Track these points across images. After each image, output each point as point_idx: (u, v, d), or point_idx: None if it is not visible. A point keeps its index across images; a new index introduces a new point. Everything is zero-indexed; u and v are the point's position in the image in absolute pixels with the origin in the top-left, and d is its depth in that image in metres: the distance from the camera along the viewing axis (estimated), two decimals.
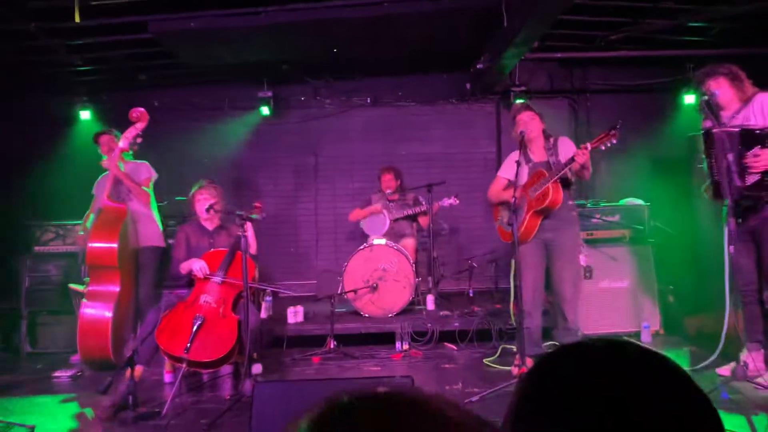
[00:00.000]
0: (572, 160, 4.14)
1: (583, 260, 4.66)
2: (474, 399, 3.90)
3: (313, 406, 0.65)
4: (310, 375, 4.73)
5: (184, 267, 4.60)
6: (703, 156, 4.08)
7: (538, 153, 4.58)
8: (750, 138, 3.83)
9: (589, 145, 4.07)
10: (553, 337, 4.85)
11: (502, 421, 0.77)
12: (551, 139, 4.60)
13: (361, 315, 5.77)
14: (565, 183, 4.40)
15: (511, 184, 4.57)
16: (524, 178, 4.48)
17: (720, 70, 4.07)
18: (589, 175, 4.36)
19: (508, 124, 7.12)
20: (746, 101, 4.00)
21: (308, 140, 7.46)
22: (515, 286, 4.32)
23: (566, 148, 4.49)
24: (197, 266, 4.50)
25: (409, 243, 6.24)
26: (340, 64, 6.97)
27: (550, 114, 7.16)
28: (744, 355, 4.07)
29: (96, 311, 4.64)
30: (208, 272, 4.47)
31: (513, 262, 4.74)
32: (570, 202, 4.51)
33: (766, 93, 3.97)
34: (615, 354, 0.73)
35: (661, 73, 6.94)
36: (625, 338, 0.73)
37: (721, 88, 4.04)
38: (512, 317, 5.16)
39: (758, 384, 3.84)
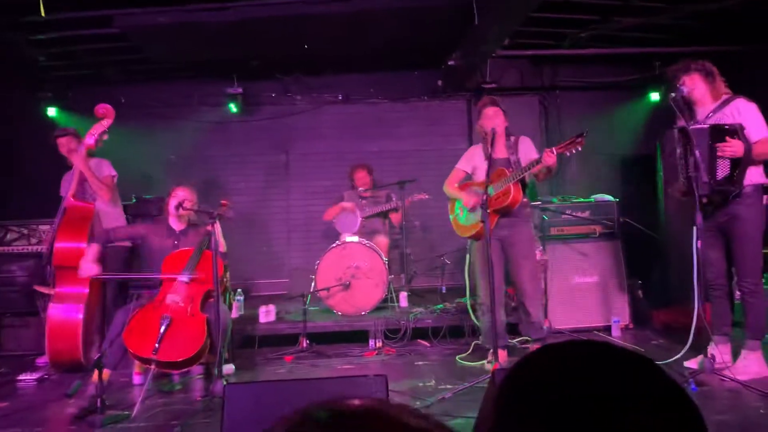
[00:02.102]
0: (537, 161, 4.20)
1: (538, 256, 4.74)
2: (447, 395, 3.91)
3: (287, 417, 0.64)
4: (282, 374, 4.69)
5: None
6: (677, 152, 4.13)
7: (499, 150, 4.62)
8: (719, 132, 3.92)
9: (555, 150, 4.12)
10: (519, 332, 4.92)
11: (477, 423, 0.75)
12: (512, 138, 4.67)
13: (334, 313, 5.74)
14: (522, 182, 4.47)
15: (468, 178, 4.62)
16: (482, 174, 4.48)
17: (694, 66, 4.13)
18: (551, 176, 4.42)
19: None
20: (723, 103, 4.06)
21: (279, 137, 7.40)
22: (473, 283, 4.37)
23: (526, 147, 4.59)
24: (84, 267, 4.43)
25: (382, 240, 6.24)
26: (310, 61, 6.92)
27: (520, 111, 7.29)
28: (711, 348, 4.15)
29: (66, 313, 4.55)
30: (92, 275, 4.45)
31: (468, 258, 4.83)
32: (525, 200, 4.56)
33: (742, 98, 4.04)
34: (597, 356, 0.72)
35: (629, 70, 7.04)
36: (603, 339, 0.72)
37: (695, 85, 4.10)
38: (471, 313, 5.18)
39: (725, 376, 3.91)
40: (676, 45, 6.26)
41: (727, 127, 3.93)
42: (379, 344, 5.35)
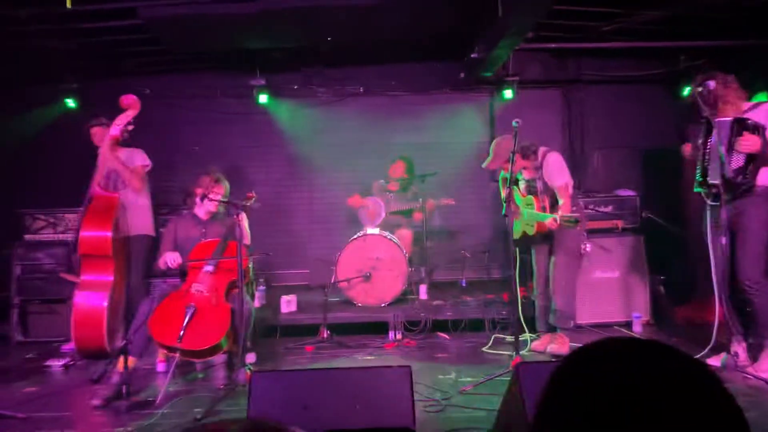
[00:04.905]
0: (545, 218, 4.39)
1: (585, 249, 4.77)
2: (468, 388, 3.93)
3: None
4: (303, 364, 4.73)
5: (160, 263, 4.60)
6: (699, 142, 4.14)
7: (526, 172, 4.80)
8: (741, 127, 3.96)
9: (558, 219, 4.20)
10: (542, 324, 4.97)
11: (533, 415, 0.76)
12: (539, 153, 4.72)
13: (354, 304, 5.78)
14: (552, 200, 4.67)
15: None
16: (524, 191, 4.79)
17: (713, 74, 4.15)
18: None
19: (501, 114, 7.18)
20: (755, 105, 4.06)
21: (301, 129, 7.42)
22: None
23: (550, 171, 4.64)
24: (170, 258, 4.50)
25: (405, 233, 6.27)
26: (332, 53, 6.92)
27: (543, 104, 7.25)
28: (734, 345, 4.12)
29: (91, 301, 4.62)
30: (180, 261, 4.47)
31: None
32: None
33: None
34: (651, 355, 0.73)
35: (654, 64, 6.95)
36: (659, 341, 0.71)
37: (717, 86, 4.10)
38: (534, 293, 5.14)
39: (748, 374, 3.88)
40: (703, 38, 6.18)
41: (749, 122, 3.93)
42: (399, 336, 5.38)
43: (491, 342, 5.08)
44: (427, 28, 5.98)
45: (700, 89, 4.07)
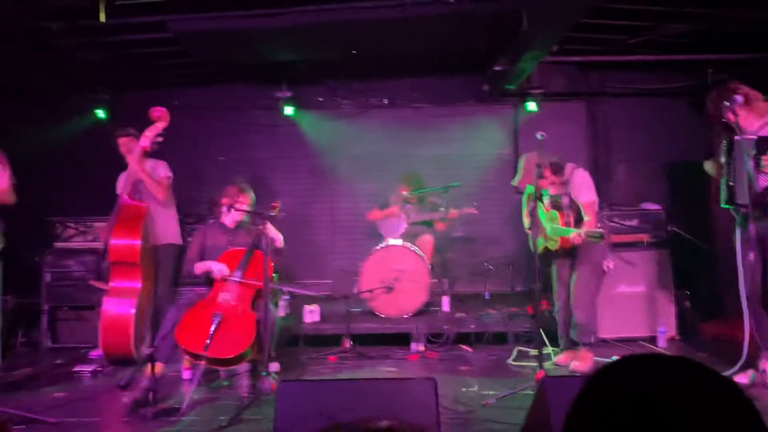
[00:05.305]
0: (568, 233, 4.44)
1: (608, 265, 4.79)
2: (491, 401, 3.92)
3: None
4: (326, 374, 4.76)
5: (199, 267, 4.64)
6: (723, 161, 4.11)
7: (553, 187, 4.79)
8: (766, 144, 3.88)
9: (583, 234, 4.27)
10: (563, 339, 4.95)
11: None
12: (566, 170, 4.73)
13: (377, 315, 5.80)
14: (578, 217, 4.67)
15: None
16: (548, 206, 4.76)
17: (736, 87, 4.13)
18: None
19: (525, 126, 7.17)
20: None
21: (325, 140, 7.48)
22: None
23: (577, 188, 4.66)
24: (217, 268, 4.55)
25: (427, 238, 6.26)
26: (357, 65, 6.98)
27: (566, 117, 7.22)
28: (762, 362, 4.06)
29: (118, 307, 4.69)
30: (227, 275, 4.51)
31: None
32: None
33: None
34: (678, 372, 0.74)
35: (680, 77, 6.89)
36: (686, 357, 0.71)
37: (741, 102, 4.08)
38: (554, 308, 5.11)
39: None
40: (730, 51, 6.13)
41: None
42: (421, 348, 5.38)
43: (515, 355, 5.06)
44: (455, 41, 6.02)
45: (726, 104, 4.05)
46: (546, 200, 4.84)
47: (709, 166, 4.46)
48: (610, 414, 0.71)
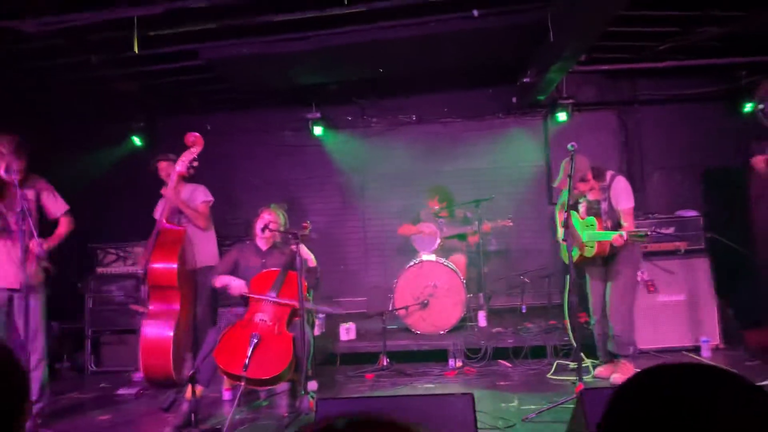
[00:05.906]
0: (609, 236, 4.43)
1: (642, 276, 4.74)
2: (531, 416, 3.88)
3: (312, 424, 0.79)
4: (364, 392, 4.77)
5: (218, 280, 4.69)
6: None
7: (592, 193, 4.79)
8: None
9: (626, 235, 4.30)
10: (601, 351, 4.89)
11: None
12: (607, 177, 4.73)
13: (413, 332, 5.79)
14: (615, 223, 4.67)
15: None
16: (584, 213, 4.78)
17: None
18: None
19: (556, 136, 7.13)
20: None
21: (355, 159, 7.55)
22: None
23: (617, 193, 4.66)
24: (235, 284, 4.59)
25: (460, 259, 6.25)
26: (385, 83, 7.05)
27: (597, 127, 7.16)
28: None
29: (158, 330, 4.78)
30: (245, 292, 4.57)
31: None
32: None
33: None
34: (710, 381, 0.74)
35: (713, 81, 6.79)
36: (718, 366, 0.70)
37: None
38: (591, 320, 5.05)
39: None
40: (762, 53, 6.02)
41: None
42: (458, 364, 5.35)
43: (554, 369, 5.00)
44: (482, 55, 6.03)
45: (762, 106, 3.98)
46: (581, 208, 4.80)
47: (757, 163, 4.40)
48: (640, 424, 0.71)
